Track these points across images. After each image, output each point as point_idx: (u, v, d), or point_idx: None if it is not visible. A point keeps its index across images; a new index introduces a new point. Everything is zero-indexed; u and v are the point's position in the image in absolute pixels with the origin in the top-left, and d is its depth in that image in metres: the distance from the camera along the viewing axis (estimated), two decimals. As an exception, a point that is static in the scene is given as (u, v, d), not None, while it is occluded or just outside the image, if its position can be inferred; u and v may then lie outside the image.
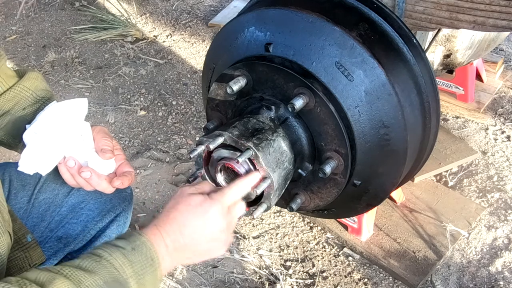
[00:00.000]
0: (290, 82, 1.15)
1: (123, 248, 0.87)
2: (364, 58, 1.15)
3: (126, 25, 3.34)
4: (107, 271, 0.84)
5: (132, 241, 0.89)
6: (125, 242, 0.89)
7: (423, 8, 1.43)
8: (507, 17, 1.29)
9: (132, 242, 0.89)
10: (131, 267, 0.86)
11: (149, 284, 0.89)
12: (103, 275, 0.83)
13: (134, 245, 0.88)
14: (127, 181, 1.13)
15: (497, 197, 2.10)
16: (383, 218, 1.99)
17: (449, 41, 2.07)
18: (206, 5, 3.63)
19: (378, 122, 1.17)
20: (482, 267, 1.86)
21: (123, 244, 0.88)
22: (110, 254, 0.86)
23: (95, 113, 2.70)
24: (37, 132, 1.08)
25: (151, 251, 0.89)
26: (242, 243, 1.99)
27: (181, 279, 1.87)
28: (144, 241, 0.90)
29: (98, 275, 0.82)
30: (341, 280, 1.85)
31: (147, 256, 0.89)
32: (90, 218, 1.24)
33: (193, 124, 2.59)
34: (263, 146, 1.09)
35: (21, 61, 3.17)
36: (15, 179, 1.25)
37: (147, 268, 0.88)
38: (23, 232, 1.11)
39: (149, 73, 2.99)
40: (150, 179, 2.28)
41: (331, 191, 1.23)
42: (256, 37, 1.24)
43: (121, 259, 0.86)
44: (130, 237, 0.90)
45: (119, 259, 0.86)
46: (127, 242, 0.89)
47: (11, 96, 1.15)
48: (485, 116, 2.51)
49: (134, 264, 0.87)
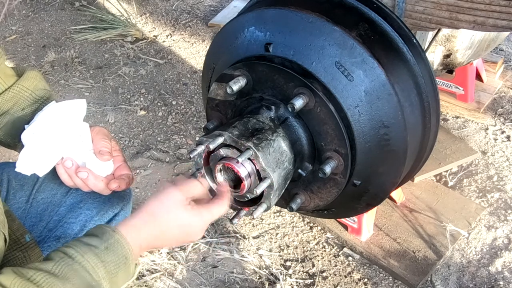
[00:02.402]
0: (290, 82, 1.15)
1: (95, 247, 0.86)
2: (364, 58, 1.14)
3: (126, 25, 3.34)
4: (79, 276, 0.82)
5: (105, 239, 0.87)
6: (98, 241, 0.87)
7: (423, 8, 1.43)
8: (507, 17, 1.28)
9: (105, 241, 0.87)
10: (104, 268, 0.85)
11: (121, 279, 0.88)
12: (75, 282, 0.81)
13: (108, 244, 0.87)
14: (125, 184, 1.13)
15: (497, 197, 2.10)
16: (383, 218, 1.99)
17: (449, 41, 2.06)
18: (206, 5, 3.63)
19: (378, 122, 1.16)
20: (482, 267, 1.86)
21: (96, 242, 0.86)
22: (82, 255, 0.84)
23: (95, 113, 2.70)
24: (35, 133, 1.08)
25: (125, 249, 0.88)
26: (242, 243, 1.99)
27: (181, 279, 1.87)
28: (117, 239, 0.88)
29: (70, 283, 0.81)
30: (341, 280, 1.84)
31: (121, 255, 0.87)
32: (89, 217, 1.24)
33: (193, 124, 2.59)
34: (263, 146, 1.09)
35: (21, 61, 3.17)
36: (14, 179, 1.25)
37: (120, 266, 0.87)
38: (21, 232, 1.10)
39: (149, 73, 2.99)
40: (150, 179, 2.28)
41: (331, 191, 1.23)
42: (256, 37, 1.24)
43: (93, 261, 0.84)
44: (103, 235, 0.88)
45: (92, 260, 0.84)
46: (100, 241, 0.87)
47: (10, 96, 1.15)
48: (485, 116, 2.51)
49: (107, 264, 0.85)
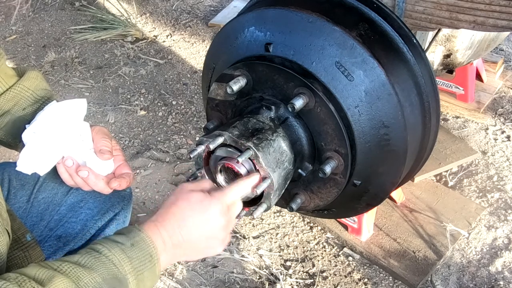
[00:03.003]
0: (290, 82, 1.15)
1: (122, 244, 0.87)
2: (364, 58, 1.15)
3: (126, 25, 3.34)
4: (106, 267, 0.84)
5: (131, 237, 0.89)
6: (125, 238, 0.89)
7: (423, 8, 1.43)
8: (507, 17, 1.29)
9: (131, 238, 0.89)
10: (130, 263, 0.86)
11: (147, 280, 0.89)
12: (101, 272, 0.83)
13: (133, 241, 0.88)
14: (125, 183, 1.13)
15: (497, 197, 2.10)
16: (383, 218, 1.99)
17: (449, 41, 2.07)
18: (206, 5, 3.63)
19: (378, 122, 1.16)
20: (482, 267, 1.86)
21: (122, 239, 0.88)
22: (109, 250, 0.86)
23: (95, 113, 2.70)
24: (36, 132, 1.08)
25: (150, 247, 0.89)
26: (242, 243, 1.99)
27: (181, 279, 1.87)
28: (143, 237, 0.89)
29: (96, 272, 0.82)
30: (341, 280, 1.84)
31: (146, 252, 0.88)
32: (90, 217, 1.24)
33: (193, 124, 2.59)
34: (263, 146, 1.09)
35: (21, 61, 3.17)
36: (14, 178, 1.25)
37: (146, 264, 0.88)
38: (22, 231, 1.11)
39: (149, 73, 2.99)
40: (150, 179, 2.28)
41: (331, 191, 1.23)
42: (256, 37, 1.24)
43: (120, 255, 0.86)
44: (129, 233, 0.90)
45: (118, 255, 0.86)
46: (126, 238, 0.89)
47: (11, 96, 1.15)
48: (485, 116, 2.51)
49: (133, 260, 0.87)
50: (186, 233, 0.94)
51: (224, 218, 0.97)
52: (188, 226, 0.94)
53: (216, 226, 0.96)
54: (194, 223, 0.94)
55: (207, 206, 0.96)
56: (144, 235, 0.90)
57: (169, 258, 0.94)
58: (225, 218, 0.98)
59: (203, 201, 0.96)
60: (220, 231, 0.97)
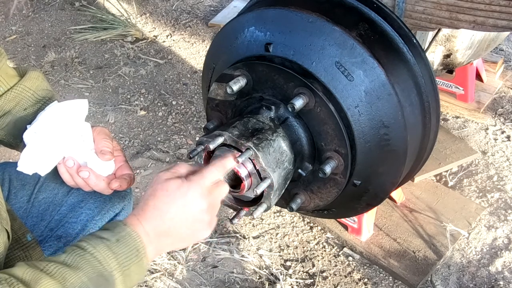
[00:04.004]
0: (290, 82, 1.15)
1: (107, 240, 0.87)
2: (364, 58, 1.15)
3: (126, 25, 3.34)
4: (91, 265, 0.83)
5: (116, 232, 0.88)
6: (110, 234, 0.88)
7: (423, 8, 1.43)
8: (507, 17, 1.29)
9: (116, 234, 0.88)
10: (115, 259, 0.86)
11: (134, 274, 0.88)
12: (86, 270, 0.83)
13: (119, 236, 0.88)
14: (126, 184, 1.13)
15: (497, 197, 2.10)
16: (383, 218, 1.99)
17: (449, 41, 2.07)
18: (206, 5, 3.63)
19: (378, 122, 1.17)
20: (482, 267, 1.86)
21: (108, 235, 0.88)
22: (94, 247, 0.85)
23: (95, 113, 2.70)
24: (37, 132, 1.08)
25: (136, 242, 0.89)
26: (242, 243, 1.99)
27: (181, 279, 1.87)
28: (129, 232, 0.89)
29: (82, 271, 0.82)
30: (341, 280, 1.85)
31: (132, 247, 0.88)
32: (90, 217, 1.24)
33: (193, 124, 2.59)
34: (263, 146, 1.09)
35: (21, 61, 3.17)
36: (15, 178, 1.25)
37: (132, 259, 0.88)
38: (23, 231, 1.11)
39: (149, 73, 3.00)
40: (150, 179, 2.28)
41: (331, 191, 1.23)
42: (256, 37, 1.24)
43: (105, 252, 0.85)
44: (114, 228, 0.89)
45: (103, 251, 0.85)
46: (111, 234, 0.88)
47: (12, 96, 1.15)
48: (485, 116, 2.51)
49: (118, 256, 0.86)
50: (168, 220, 0.93)
51: (206, 200, 0.96)
52: (171, 213, 0.93)
53: (198, 209, 0.95)
54: (175, 210, 0.93)
55: (186, 191, 0.94)
56: (130, 230, 0.89)
57: (156, 249, 0.93)
58: (207, 200, 0.96)
59: (181, 187, 0.94)
60: (204, 214, 0.96)
